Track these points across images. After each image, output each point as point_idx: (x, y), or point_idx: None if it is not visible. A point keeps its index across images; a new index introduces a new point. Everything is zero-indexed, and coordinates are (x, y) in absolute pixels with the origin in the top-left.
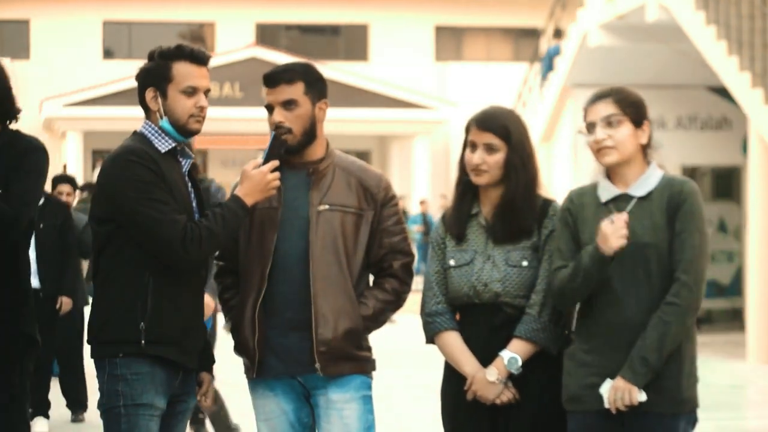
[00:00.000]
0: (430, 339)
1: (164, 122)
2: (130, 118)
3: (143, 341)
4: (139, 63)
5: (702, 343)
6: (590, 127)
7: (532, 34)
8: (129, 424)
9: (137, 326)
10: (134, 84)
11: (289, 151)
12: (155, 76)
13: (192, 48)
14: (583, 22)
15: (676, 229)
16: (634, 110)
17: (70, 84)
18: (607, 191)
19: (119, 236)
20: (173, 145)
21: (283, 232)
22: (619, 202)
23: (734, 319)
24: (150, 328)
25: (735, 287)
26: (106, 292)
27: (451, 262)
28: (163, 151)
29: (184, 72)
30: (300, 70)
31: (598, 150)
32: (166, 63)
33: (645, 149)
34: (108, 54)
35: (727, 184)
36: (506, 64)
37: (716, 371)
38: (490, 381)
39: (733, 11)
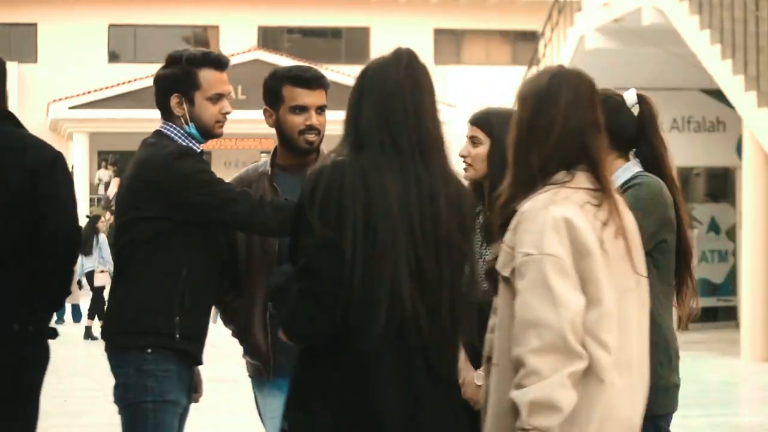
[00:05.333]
0: None
1: (191, 128)
2: (136, 120)
3: (177, 335)
4: (144, 66)
5: (697, 340)
6: None
7: (531, 37)
8: (156, 420)
9: (173, 319)
10: (139, 86)
11: (310, 152)
12: (181, 83)
13: (217, 54)
14: (580, 26)
15: None
16: None
17: (76, 86)
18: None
19: (167, 232)
20: (199, 148)
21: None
22: None
23: (728, 317)
24: (183, 322)
25: (728, 286)
26: (141, 284)
27: None
28: None
29: (210, 79)
30: None
31: None
32: (193, 70)
33: None
34: (113, 57)
35: (721, 184)
36: (505, 68)
37: (710, 368)
38: (478, 384)
39: (727, 15)
